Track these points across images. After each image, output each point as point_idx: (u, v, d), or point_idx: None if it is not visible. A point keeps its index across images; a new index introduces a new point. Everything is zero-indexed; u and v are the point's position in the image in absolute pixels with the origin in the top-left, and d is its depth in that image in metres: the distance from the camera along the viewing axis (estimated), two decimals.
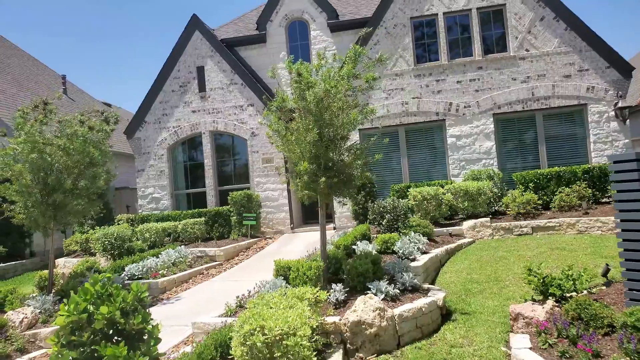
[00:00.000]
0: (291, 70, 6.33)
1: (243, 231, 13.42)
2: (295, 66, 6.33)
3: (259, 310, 4.42)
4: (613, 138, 12.67)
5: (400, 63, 13.93)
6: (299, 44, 15.30)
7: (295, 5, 15.13)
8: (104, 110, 9.24)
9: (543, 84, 13.13)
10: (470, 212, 11.38)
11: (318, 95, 6.00)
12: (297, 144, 6.09)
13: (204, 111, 14.97)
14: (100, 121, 8.68)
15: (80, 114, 8.63)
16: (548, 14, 13.21)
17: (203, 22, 15.01)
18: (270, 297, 5.00)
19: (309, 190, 6.25)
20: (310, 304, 5.04)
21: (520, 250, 9.04)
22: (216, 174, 15.08)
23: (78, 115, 8.55)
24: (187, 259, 10.89)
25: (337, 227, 14.00)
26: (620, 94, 12.64)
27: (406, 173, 13.87)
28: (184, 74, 15.09)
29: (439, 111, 13.66)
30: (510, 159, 13.41)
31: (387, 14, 13.97)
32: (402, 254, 7.89)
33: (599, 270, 6.62)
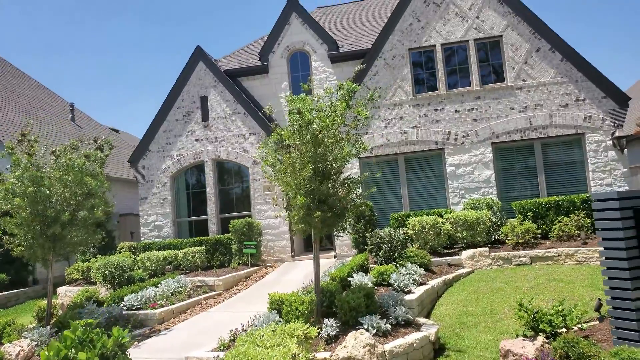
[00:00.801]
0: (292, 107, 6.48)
1: (244, 259, 13.47)
2: (295, 104, 6.46)
3: (244, 349, 4.48)
4: (612, 167, 12.71)
5: (399, 93, 14.16)
6: (300, 75, 15.61)
7: (296, 37, 15.49)
8: (97, 138, 9.42)
9: (540, 113, 13.27)
10: (469, 241, 11.39)
11: (314, 131, 6.15)
12: (293, 178, 6.22)
13: (206, 140, 15.23)
14: (94, 149, 8.86)
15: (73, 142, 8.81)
16: (544, 45, 13.44)
17: (207, 53, 15.39)
18: (259, 335, 5.05)
19: (304, 224, 6.35)
20: (299, 341, 5.08)
21: (518, 282, 9.02)
22: (218, 202, 15.23)
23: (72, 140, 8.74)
24: (187, 289, 10.94)
25: (338, 255, 14.03)
26: (617, 123, 12.74)
27: (406, 201, 13.94)
28: (187, 104, 15.41)
29: (438, 140, 13.80)
30: (510, 188, 13.46)
31: (386, 46, 14.27)
32: (397, 287, 7.91)
33: (595, 303, 6.62)
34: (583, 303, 7.29)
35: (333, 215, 6.27)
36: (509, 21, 13.68)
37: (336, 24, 18.13)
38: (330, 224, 6.35)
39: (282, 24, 15.48)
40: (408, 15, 14.22)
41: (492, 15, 13.79)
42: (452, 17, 14.01)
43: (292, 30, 15.47)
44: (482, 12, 13.85)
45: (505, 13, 13.71)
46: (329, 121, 6.44)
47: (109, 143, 9.18)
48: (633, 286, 4.49)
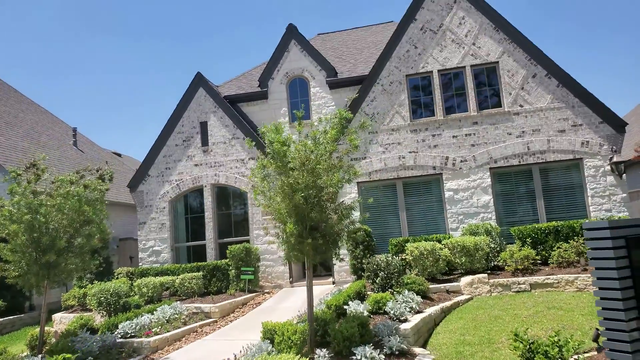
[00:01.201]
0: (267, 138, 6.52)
1: (241, 285, 13.35)
2: (270, 134, 6.50)
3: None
4: (610, 192, 12.67)
5: (397, 119, 14.25)
6: (299, 100, 15.76)
7: (295, 63, 15.71)
8: (100, 168, 9.49)
9: (538, 138, 13.31)
10: (468, 267, 11.28)
11: (301, 159, 6.18)
12: (283, 205, 6.22)
13: (206, 164, 15.30)
14: (95, 179, 8.92)
15: (75, 173, 8.88)
16: (540, 71, 13.57)
17: (207, 79, 15.61)
18: None
19: (296, 252, 6.32)
20: None
21: (517, 309, 8.90)
22: (216, 227, 15.20)
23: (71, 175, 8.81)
24: (182, 316, 10.83)
25: (337, 281, 13.90)
26: (615, 148, 12.75)
27: (405, 227, 13.87)
28: (187, 129, 15.54)
29: (436, 165, 13.82)
30: (509, 213, 13.40)
31: (383, 72, 14.44)
32: (393, 315, 7.81)
33: (593, 333, 6.50)
34: (582, 332, 7.18)
35: (325, 242, 6.24)
36: (504, 48, 13.85)
37: (335, 51, 18.39)
38: (323, 251, 6.31)
39: (282, 50, 15.72)
40: (405, 42, 14.43)
41: (488, 42, 13.97)
42: (449, 44, 14.20)
43: (291, 57, 15.69)
44: (478, 38, 14.04)
45: (501, 40, 13.89)
46: (322, 149, 6.47)
47: (109, 174, 9.25)
48: (627, 317, 4.42)
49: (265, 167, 6.68)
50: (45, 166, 8.66)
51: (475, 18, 14.08)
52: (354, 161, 14.30)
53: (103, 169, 9.49)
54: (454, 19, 14.22)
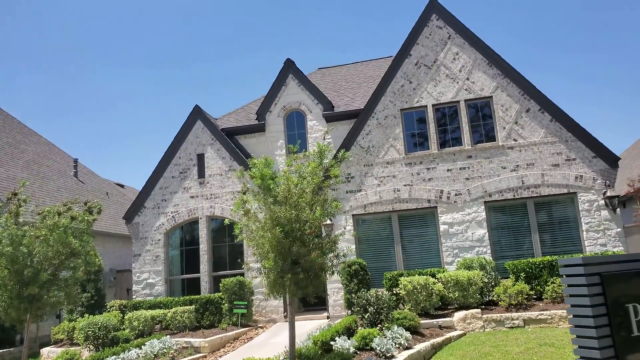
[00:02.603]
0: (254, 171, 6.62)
1: (234, 320, 13.19)
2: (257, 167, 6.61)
3: None
4: (605, 227, 12.58)
5: (392, 152, 14.36)
6: (296, 133, 15.94)
7: (293, 97, 15.97)
8: (88, 201, 9.55)
9: (532, 172, 13.34)
10: (462, 302, 11.13)
11: (282, 193, 6.23)
12: (265, 240, 6.23)
13: (202, 197, 15.38)
14: (83, 211, 8.97)
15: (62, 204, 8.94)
16: (533, 106, 13.72)
17: (204, 111, 15.86)
18: None
19: (277, 286, 6.28)
20: None
21: (508, 346, 8.73)
22: (211, 260, 15.14)
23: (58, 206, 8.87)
24: (171, 350, 10.66)
25: (331, 316, 13.72)
26: (608, 183, 12.74)
27: (400, 260, 13.77)
28: (184, 161, 15.70)
29: (431, 198, 13.83)
30: (504, 247, 13.30)
31: (379, 106, 14.65)
32: (379, 352, 7.68)
33: None
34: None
35: (306, 277, 6.21)
36: (498, 82, 14.06)
37: (334, 85, 18.72)
38: (304, 286, 6.27)
39: (279, 84, 16.01)
40: (400, 77, 14.68)
41: (481, 77, 14.20)
42: (443, 79, 14.44)
43: (289, 91, 15.97)
44: (472, 74, 14.27)
45: (495, 75, 14.11)
46: (305, 182, 6.52)
47: (97, 207, 9.30)
48: (602, 356, 4.34)
49: (245, 202, 6.73)
50: (27, 196, 8.72)
51: (469, 54, 14.35)
52: (349, 194, 14.36)
53: (92, 201, 9.54)
54: (448, 55, 14.50)
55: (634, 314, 4.70)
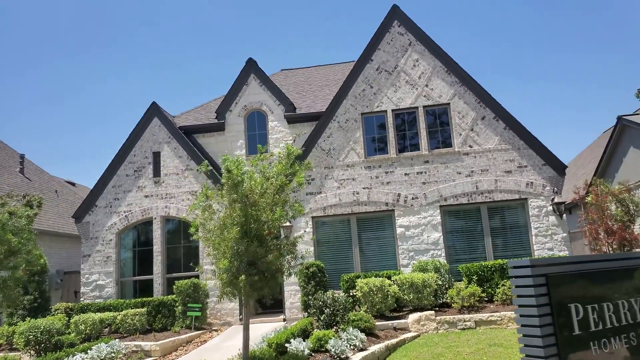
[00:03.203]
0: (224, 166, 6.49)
1: (187, 323, 12.87)
2: (226, 163, 6.49)
3: None
4: (552, 232, 13.10)
5: (352, 155, 14.44)
6: (257, 133, 15.79)
7: (254, 97, 15.82)
8: (27, 194, 9.07)
9: (486, 178, 13.73)
10: (417, 304, 11.30)
11: (244, 192, 6.12)
12: (221, 240, 6.10)
13: (157, 196, 14.96)
14: (22, 205, 8.50)
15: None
16: (488, 113, 14.13)
17: (162, 109, 15.46)
18: None
19: (231, 288, 6.16)
20: None
21: (460, 347, 8.91)
22: (165, 261, 14.74)
23: None
24: (120, 355, 10.28)
25: (288, 318, 13.61)
26: (556, 189, 13.28)
27: (358, 262, 13.85)
28: (139, 159, 15.23)
29: (389, 202, 13.99)
30: (458, 250, 13.62)
31: (340, 109, 14.71)
32: (334, 353, 7.66)
33: None
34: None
35: (262, 278, 6.11)
36: (456, 90, 14.40)
37: (297, 86, 18.68)
38: (259, 287, 6.18)
39: (241, 83, 15.82)
40: (361, 82, 14.81)
41: (440, 84, 14.51)
42: (403, 85, 14.66)
43: (250, 91, 15.81)
44: (431, 81, 14.56)
45: (453, 83, 14.46)
46: (268, 183, 6.43)
47: (38, 200, 8.83)
48: (545, 354, 4.47)
49: (209, 198, 6.58)
50: None
51: (428, 61, 14.65)
52: (309, 195, 14.33)
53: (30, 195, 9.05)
54: (409, 61, 14.75)
55: (576, 314, 4.88)
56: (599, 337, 5.05)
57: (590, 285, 5.17)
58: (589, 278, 5.19)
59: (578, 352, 4.79)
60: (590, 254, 13.95)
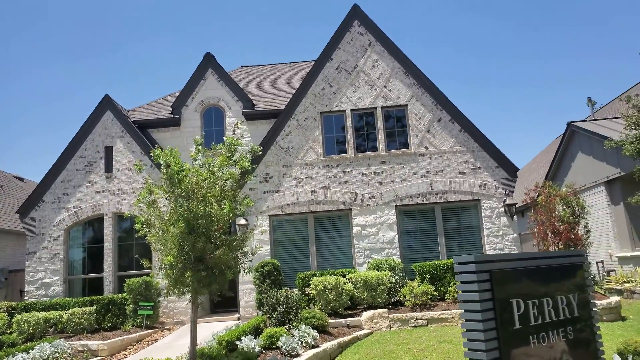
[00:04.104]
0: (160, 161, 6.36)
1: (138, 321, 12.51)
2: (163, 157, 6.37)
3: None
4: (504, 232, 13.53)
5: (310, 154, 14.44)
6: (214, 130, 15.53)
7: (212, 92, 15.55)
8: None
9: (441, 179, 14.02)
10: (371, 302, 11.40)
11: (190, 186, 6.00)
12: (167, 235, 5.95)
13: (108, 192, 14.47)
14: None
15: None
16: (445, 116, 14.44)
17: (115, 102, 14.97)
18: None
19: (178, 285, 6.01)
20: None
21: (411, 344, 9.04)
22: (116, 259, 14.28)
23: None
24: (64, 354, 9.88)
25: (242, 317, 13.47)
26: (508, 191, 13.72)
27: (314, 261, 13.86)
28: (90, 153, 14.69)
29: (346, 201, 14.07)
30: (412, 250, 13.85)
31: (299, 107, 14.68)
32: (285, 350, 7.62)
33: None
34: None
35: (210, 274, 6.00)
36: (413, 92, 14.64)
37: (256, 83, 18.51)
38: (207, 283, 6.06)
39: (198, 78, 15.52)
40: (321, 80, 14.83)
41: (398, 85, 14.71)
42: (362, 85, 14.78)
43: (208, 86, 15.54)
44: (389, 82, 14.74)
45: (411, 84, 14.69)
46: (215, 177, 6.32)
47: None
48: (487, 348, 4.59)
49: (152, 193, 6.42)
50: None
51: (387, 62, 14.83)
52: (267, 194, 14.23)
53: None
54: (368, 62, 14.88)
55: (517, 309, 5.04)
56: (539, 331, 5.23)
57: (532, 282, 5.34)
58: (530, 274, 5.37)
59: (518, 346, 4.94)
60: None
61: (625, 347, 5.92)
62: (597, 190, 16.30)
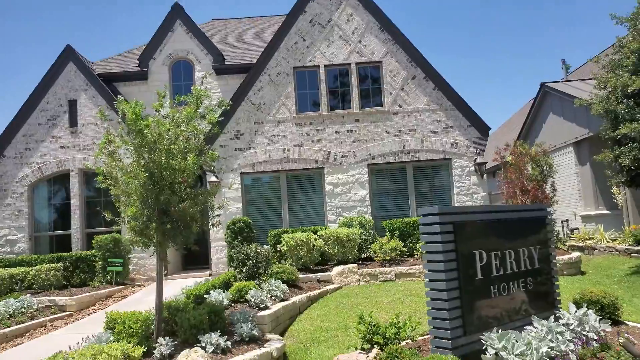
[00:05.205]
0: (120, 109, 6.13)
1: (108, 278, 12.41)
2: (122, 106, 6.13)
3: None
4: (473, 191, 13.73)
5: (283, 111, 14.19)
6: (183, 84, 15.05)
7: (180, 45, 14.98)
8: None
9: (413, 138, 14.02)
10: (341, 258, 11.53)
11: (151, 137, 5.79)
12: (130, 187, 5.78)
13: (74, 147, 14.01)
14: None
15: None
16: (419, 73, 14.29)
17: (78, 53, 14.29)
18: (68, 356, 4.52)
19: (142, 237, 5.90)
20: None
21: (379, 297, 9.24)
22: (84, 215, 14.00)
23: None
24: (30, 310, 9.75)
25: (214, 273, 13.49)
26: (479, 150, 13.84)
27: (286, 218, 13.86)
28: (53, 107, 14.10)
29: (319, 159, 13.98)
30: (383, 207, 13.97)
31: (271, 62, 14.29)
32: (254, 303, 7.67)
33: None
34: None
35: (174, 227, 5.89)
36: (388, 48, 14.39)
37: (227, 37, 17.90)
38: (173, 236, 5.96)
39: (166, 30, 14.89)
40: (294, 34, 14.41)
41: (373, 41, 14.42)
42: (336, 40, 14.43)
43: (176, 38, 14.94)
44: (364, 37, 14.43)
45: (386, 40, 14.41)
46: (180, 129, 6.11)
47: None
48: (448, 297, 4.68)
49: (112, 142, 6.20)
50: None
51: (362, 16, 14.46)
52: (238, 151, 14.01)
53: None
54: (343, 15, 14.49)
55: (480, 260, 5.14)
56: (500, 282, 5.36)
57: (495, 234, 5.43)
58: (494, 227, 5.45)
59: (479, 297, 5.05)
60: None
61: (580, 297, 6.14)
62: (566, 151, 16.61)
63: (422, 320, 6.23)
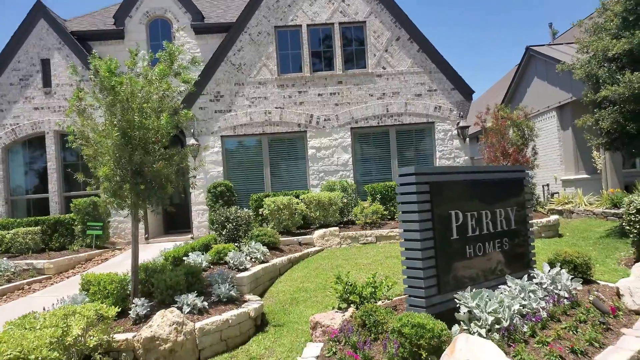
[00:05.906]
0: (93, 65, 5.90)
1: (87, 241, 12.30)
2: (95, 61, 5.89)
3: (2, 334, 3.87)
4: (455, 155, 13.75)
5: (264, 72, 13.87)
6: (160, 43, 14.38)
7: (157, 3, 14.40)
8: None
9: (397, 101, 13.88)
10: (323, 221, 11.56)
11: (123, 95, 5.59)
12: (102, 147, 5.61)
13: (48, 109, 13.59)
14: None
15: None
16: (403, 35, 14.02)
17: (50, 9, 13.65)
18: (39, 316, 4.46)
19: (116, 198, 5.77)
20: (90, 322, 4.57)
21: (359, 259, 9.31)
22: (61, 179, 13.73)
23: None
24: (7, 273, 9.65)
25: (195, 237, 13.44)
26: (462, 114, 13.78)
27: (268, 182, 13.77)
28: (25, 66, 13.57)
29: (301, 122, 13.80)
30: (365, 171, 13.94)
31: (252, 21, 13.86)
32: (233, 265, 7.67)
33: None
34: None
35: (148, 188, 5.77)
36: (372, 8, 14.03)
37: None
38: (147, 196, 5.84)
39: None
40: None
41: (357, 0, 14.02)
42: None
43: None
44: None
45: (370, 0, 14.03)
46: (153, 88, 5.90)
47: None
48: (423, 256, 4.69)
49: (82, 100, 5.98)
50: None
51: None
52: (218, 114, 13.74)
53: None
54: None
55: (456, 220, 5.14)
56: (476, 242, 5.38)
57: (472, 194, 5.41)
58: (471, 187, 5.42)
59: (454, 257, 5.07)
60: None
61: (555, 257, 6.23)
62: (549, 115, 16.64)
63: (399, 280, 6.30)
